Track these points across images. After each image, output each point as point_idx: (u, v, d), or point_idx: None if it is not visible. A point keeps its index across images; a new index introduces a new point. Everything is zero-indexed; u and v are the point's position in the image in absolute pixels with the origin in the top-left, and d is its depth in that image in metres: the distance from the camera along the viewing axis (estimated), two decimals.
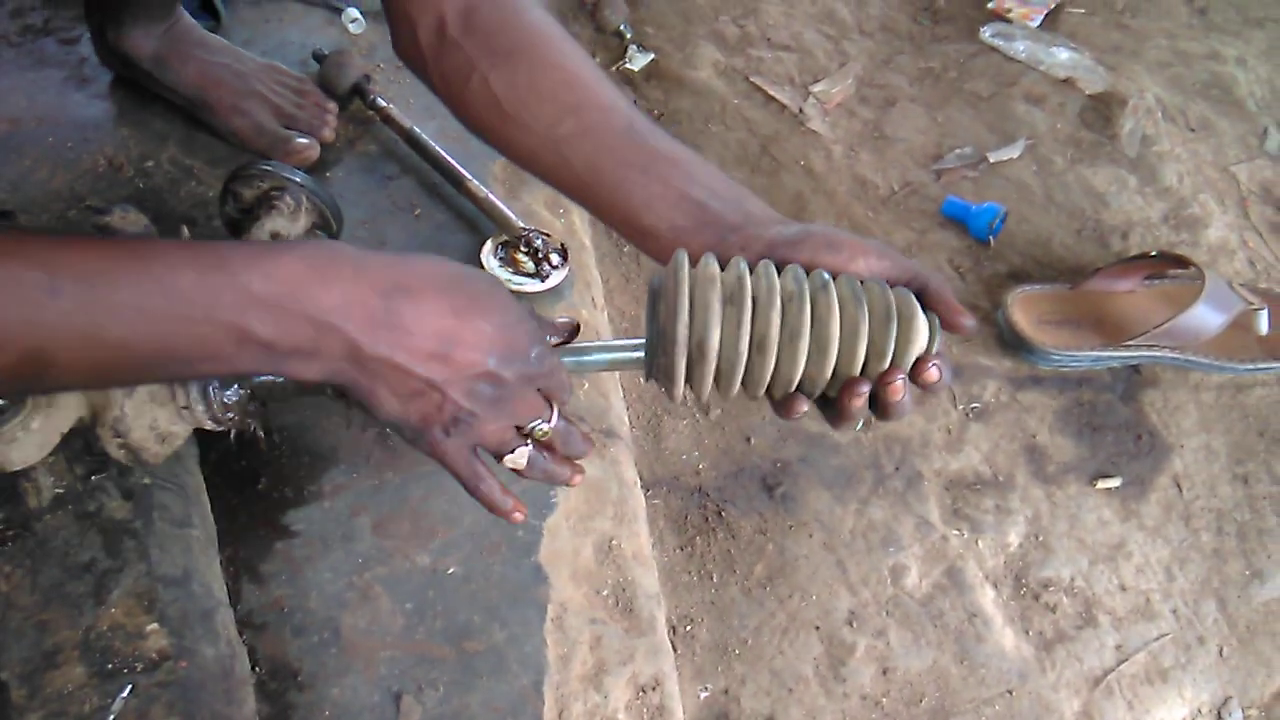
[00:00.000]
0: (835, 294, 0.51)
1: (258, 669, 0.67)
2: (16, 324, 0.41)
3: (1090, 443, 1.03)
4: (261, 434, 0.63)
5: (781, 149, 1.31)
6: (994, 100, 1.37)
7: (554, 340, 0.59)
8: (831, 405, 0.54)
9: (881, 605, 0.90)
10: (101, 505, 0.63)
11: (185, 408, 0.58)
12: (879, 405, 0.52)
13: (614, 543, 0.78)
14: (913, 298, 0.52)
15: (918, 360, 0.51)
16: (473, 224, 0.97)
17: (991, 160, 1.29)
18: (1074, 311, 1.09)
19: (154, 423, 0.58)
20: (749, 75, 1.40)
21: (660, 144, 0.58)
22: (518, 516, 0.59)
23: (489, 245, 0.93)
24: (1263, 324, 1.02)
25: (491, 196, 0.96)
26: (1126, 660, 0.89)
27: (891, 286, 0.53)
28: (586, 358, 0.59)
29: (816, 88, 1.39)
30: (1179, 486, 1.00)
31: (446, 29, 0.61)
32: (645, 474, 0.96)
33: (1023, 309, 1.08)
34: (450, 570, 0.73)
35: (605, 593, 0.75)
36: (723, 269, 0.53)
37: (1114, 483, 1.00)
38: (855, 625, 0.89)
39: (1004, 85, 1.39)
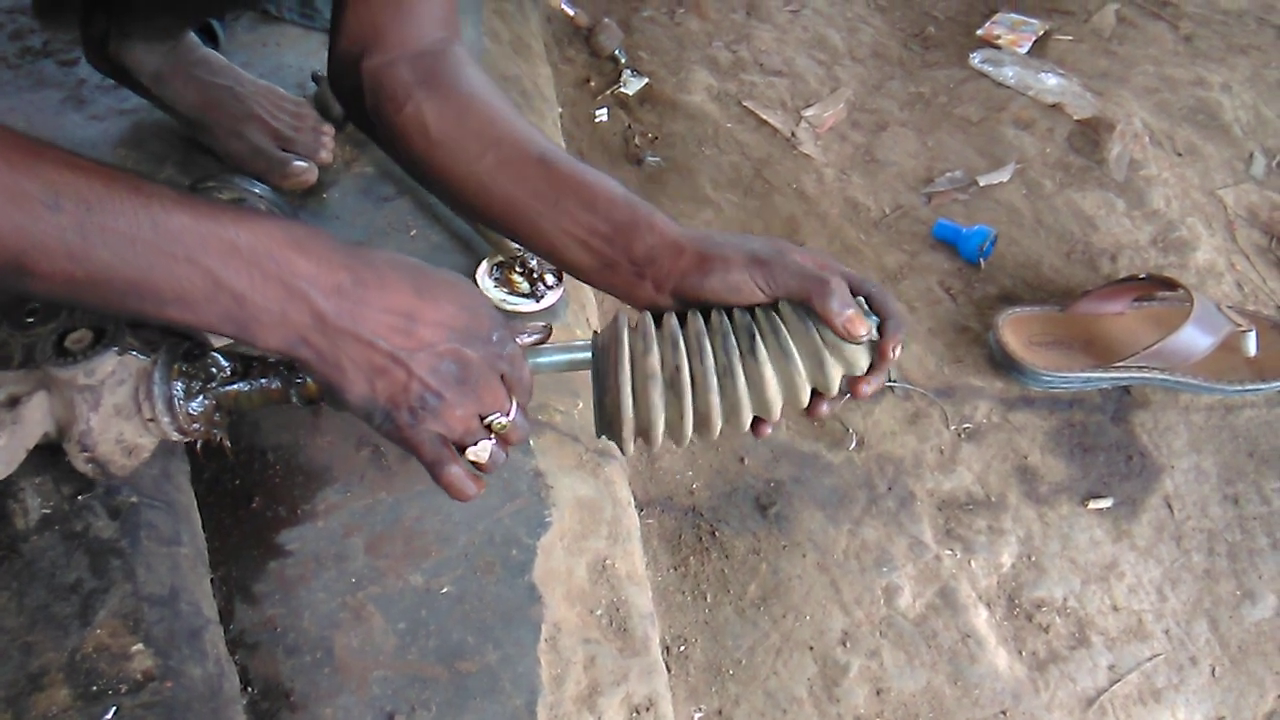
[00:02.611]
0: (765, 357, 0.56)
1: (250, 689, 0.67)
2: (11, 231, 0.43)
3: (1081, 463, 1.03)
4: (228, 444, 0.63)
5: (774, 172, 1.32)
6: (983, 125, 1.39)
7: (527, 340, 0.62)
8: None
9: (875, 625, 0.90)
10: (88, 525, 0.62)
11: (151, 420, 0.58)
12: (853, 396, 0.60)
13: (608, 562, 0.78)
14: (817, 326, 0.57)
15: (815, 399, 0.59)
16: (468, 245, 0.98)
17: (981, 184, 1.30)
18: (1064, 333, 1.10)
19: (120, 436, 0.58)
20: (742, 99, 1.42)
21: (568, 172, 0.62)
22: (480, 493, 0.60)
23: (484, 265, 0.94)
24: (1251, 346, 1.03)
25: None
26: (1119, 681, 0.89)
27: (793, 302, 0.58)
28: (545, 358, 0.61)
29: (808, 112, 1.41)
30: (1170, 507, 1.01)
31: (395, 64, 0.66)
32: (639, 493, 0.96)
33: (1013, 330, 1.09)
34: (444, 590, 0.73)
35: (599, 613, 0.75)
36: (658, 323, 0.59)
37: (1105, 503, 1.00)
38: (849, 646, 0.89)
39: (993, 110, 1.41)
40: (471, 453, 0.58)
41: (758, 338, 0.57)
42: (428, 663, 0.69)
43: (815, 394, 0.59)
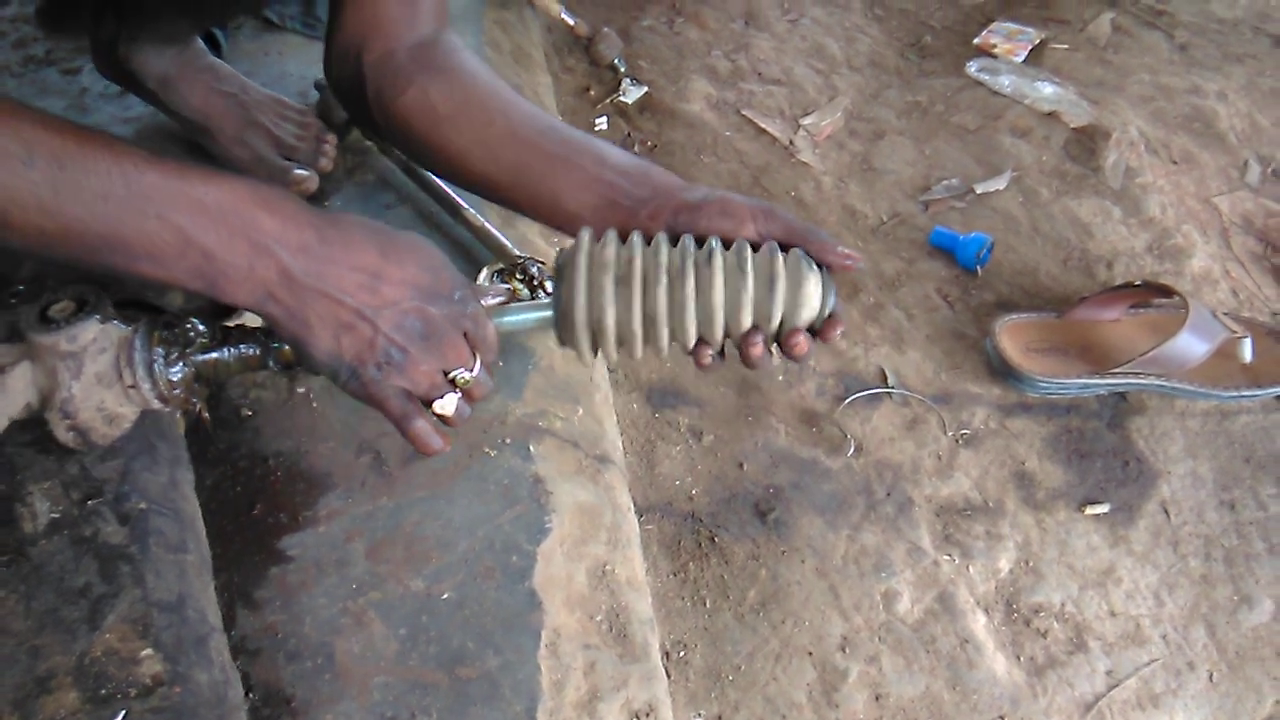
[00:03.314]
0: (719, 265, 0.57)
1: (251, 695, 0.67)
2: None
3: (1079, 469, 1.04)
4: (206, 415, 0.63)
5: (772, 180, 1.33)
6: (980, 133, 1.40)
7: (491, 301, 0.63)
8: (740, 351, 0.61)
9: (874, 631, 0.91)
10: (97, 530, 0.63)
11: (132, 387, 0.58)
12: (786, 354, 0.60)
13: (608, 568, 0.78)
14: (802, 261, 0.58)
15: (797, 327, 0.58)
16: (469, 252, 0.98)
17: (978, 191, 1.31)
18: (1061, 340, 1.10)
19: (101, 404, 0.59)
20: (740, 108, 1.43)
21: (575, 136, 0.65)
22: (446, 447, 0.61)
23: (485, 273, 0.94)
24: (1246, 352, 1.04)
25: (488, 225, 0.97)
26: (1117, 686, 0.89)
27: (785, 247, 0.59)
28: (511, 317, 0.63)
29: (806, 120, 1.42)
30: (1167, 512, 1.01)
31: (394, 54, 0.68)
32: (639, 499, 0.97)
33: (1010, 337, 1.10)
34: (444, 596, 0.73)
35: (599, 618, 0.75)
36: (625, 243, 0.60)
37: (1102, 509, 1.00)
38: (848, 651, 0.89)
39: (990, 119, 1.42)
40: (438, 406, 0.59)
41: (717, 251, 0.58)
42: (428, 669, 0.69)
43: (754, 329, 0.59)
